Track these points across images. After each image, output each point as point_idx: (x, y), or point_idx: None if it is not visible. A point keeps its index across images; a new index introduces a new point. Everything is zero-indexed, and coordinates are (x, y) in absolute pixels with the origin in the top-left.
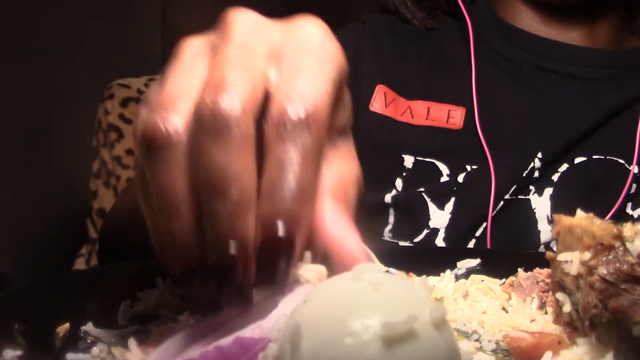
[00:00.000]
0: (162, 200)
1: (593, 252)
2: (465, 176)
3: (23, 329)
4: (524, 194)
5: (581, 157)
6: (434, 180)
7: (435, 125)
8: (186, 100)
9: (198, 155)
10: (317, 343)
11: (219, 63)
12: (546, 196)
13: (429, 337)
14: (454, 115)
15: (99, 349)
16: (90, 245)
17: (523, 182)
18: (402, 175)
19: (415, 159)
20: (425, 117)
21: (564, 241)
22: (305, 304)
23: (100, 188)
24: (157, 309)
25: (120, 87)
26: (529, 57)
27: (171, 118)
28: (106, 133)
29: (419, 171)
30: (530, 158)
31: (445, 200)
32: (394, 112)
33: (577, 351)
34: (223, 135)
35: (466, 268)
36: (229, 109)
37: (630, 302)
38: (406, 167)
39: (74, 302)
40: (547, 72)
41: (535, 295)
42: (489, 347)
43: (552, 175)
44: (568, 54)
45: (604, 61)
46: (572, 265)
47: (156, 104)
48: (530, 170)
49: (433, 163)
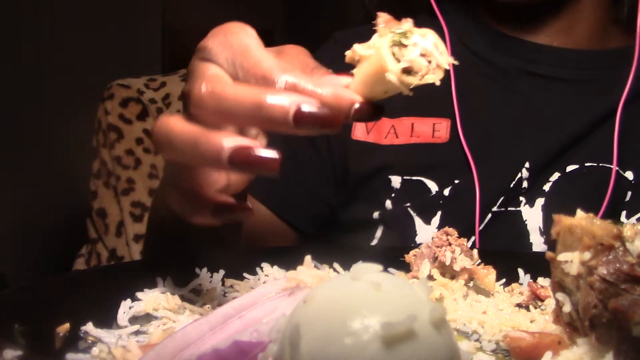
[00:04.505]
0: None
1: (593, 252)
2: (451, 190)
3: (23, 329)
4: (514, 205)
5: (573, 165)
6: (423, 197)
7: (421, 141)
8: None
9: None
10: (317, 343)
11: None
12: (538, 207)
13: (429, 337)
14: (439, 129)
15: (99, 349)
16: (90, 245)
17: (511, 194)
18: (390, 196)
19: (402, 178)
20: (409, 134)
21: (564, 241)
22: (305, 304)
23: (100, 188)
24: (157, 309)
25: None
26: (516, 61)
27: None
28: (106, 133)
29: (407, 190)
30: (517, 168)
31: (432, 214)
32: (377, 137)
33: (577, 351)
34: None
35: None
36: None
37: (630, 302)
38: (394, 188)
39: (74, 302)
40: (535, 76)
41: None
42: (489, 347)
43: (544, 185)
44: (555, 56)
45: (590, 62)
46: (572, 265)
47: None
48: (518, 181)
49: (420, 181)
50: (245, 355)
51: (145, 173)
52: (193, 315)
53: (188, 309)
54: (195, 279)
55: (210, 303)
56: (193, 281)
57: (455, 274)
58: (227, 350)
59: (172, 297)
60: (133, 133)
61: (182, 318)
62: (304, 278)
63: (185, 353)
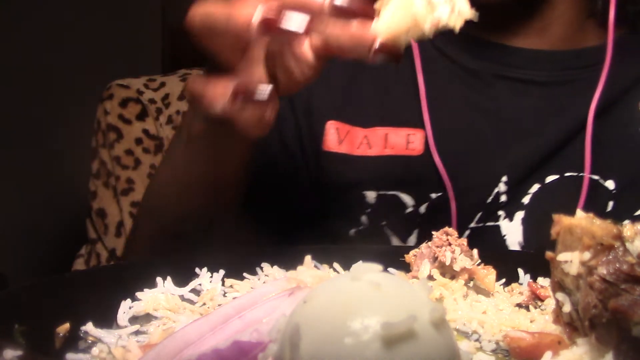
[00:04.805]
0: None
1: (593, 252)
2: (428, 206)
3: (23, 329)
4: (493, 220)
5: (553, 175)
6: (399, 213)
7: (395, 153)
8: None
9: None
10: (317, 343)
11: None
12: (517, 220)
13: (429, 337)
14: (413, 140)
15: (99, 349)
16: (90, 246)
17: (489, 209)
18: (365, 212)
19: (377, 194)
20: (383, 145)
21: (564, 241)
22: (305, 304)
23: (99, 188)
24: (157, 309)
25: (119, 88)
26: (490, 65)
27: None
28: (105, 133)
29: (383, 206)
30: (494, 182)
31: (408, 233)
32: (350, 147)
33: (577, 351)
34: None
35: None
36: None
37: (630, 302)
38: (369, 204)
39: (74, 302)
40: (510, 80)
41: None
42: (489, 347)
43: (523, 197)
44: (529, 58)
45: (566, 63)
46: (572, 265)
47: None
48: (496, 196)
49: (396, 196)
50: (245, 355)
51: (145, 173)
52: (193, 315)
53: (188, 309)
54: (195, 279)
55: (210, 303)
56: (193, 281)
57: (455, 274)
58: (227, 350)
59: (172, 297)
60: (132, 133)
61: (182, 318)
62: (304, 278)
63: (185, 353)
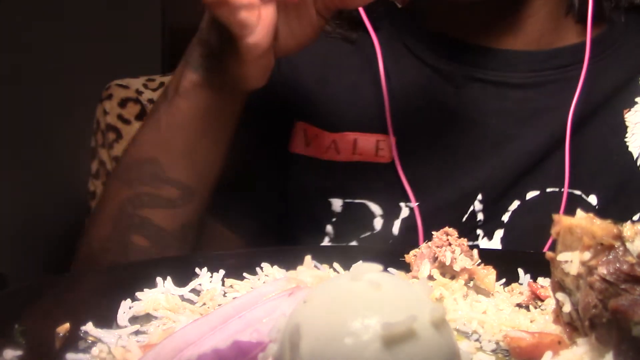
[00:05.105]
0: None
1: (593, 252)
2: (401, 225)
3: (23, 329)
4: (471, 239)
5: (534, 191)
6: (367, 225)
7: (363, 160)
8: None
9: None
10: (317, 343)
11: None
12: (497, 239)
13: (429, 337)
14: (382, 146)
15: (99, 349)
16: None
17: (465, 228)
18: (331, 221)
19: (343, 201)
20: (351, 151)
21: (564, 241)
22: (305, 304)
23: (99, 188)
24: (157, 309)
25: (118, 88)
26: (460, 66)
27: None
28: (105, 133)
29: (350, 215)
30: (469, 201)
31: None
32: (317, 151)
33: (577, 351)
34: None
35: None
36: None
37: (630, 302)
38: (335, 212)
39: (74, 302)
40: (482, 82)
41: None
42: (489, 347)
43: (502, 215)
44: (503, 59)
45: (542, 63)
46: (572, 265)
47: None
48: (471, 215)
49: (364, 204)
50: (245, 355)
51: None
52: (193, 315)
53: (188, 309)
54: (195, 279)
55: (210, 303)
56: (193, 281)
57: (455, 274)
58: (227, 350)
59: (172, 297)
60: (132, 133)
61: (182, 318)
62: (304, 278)
63: (185, 353)
